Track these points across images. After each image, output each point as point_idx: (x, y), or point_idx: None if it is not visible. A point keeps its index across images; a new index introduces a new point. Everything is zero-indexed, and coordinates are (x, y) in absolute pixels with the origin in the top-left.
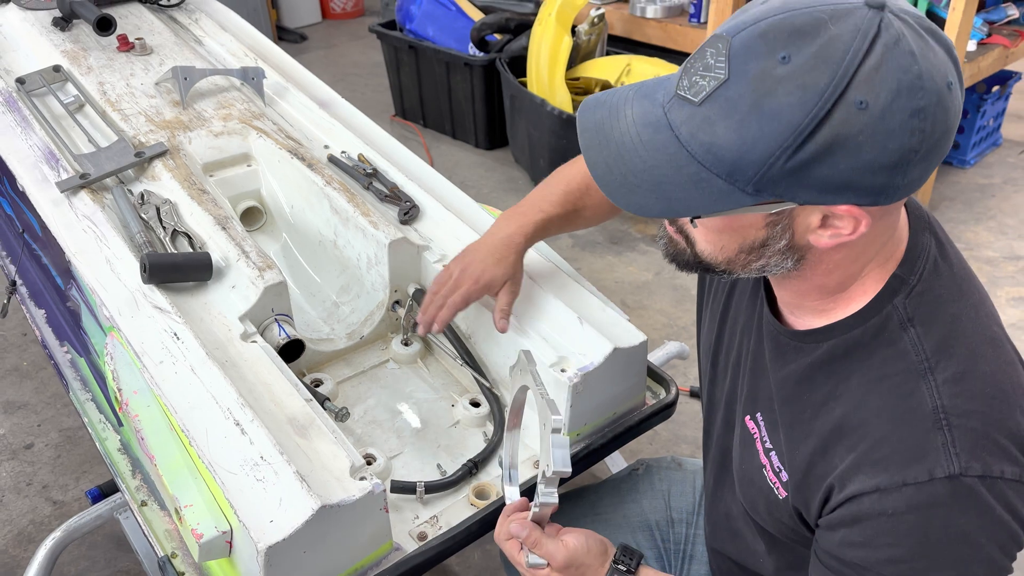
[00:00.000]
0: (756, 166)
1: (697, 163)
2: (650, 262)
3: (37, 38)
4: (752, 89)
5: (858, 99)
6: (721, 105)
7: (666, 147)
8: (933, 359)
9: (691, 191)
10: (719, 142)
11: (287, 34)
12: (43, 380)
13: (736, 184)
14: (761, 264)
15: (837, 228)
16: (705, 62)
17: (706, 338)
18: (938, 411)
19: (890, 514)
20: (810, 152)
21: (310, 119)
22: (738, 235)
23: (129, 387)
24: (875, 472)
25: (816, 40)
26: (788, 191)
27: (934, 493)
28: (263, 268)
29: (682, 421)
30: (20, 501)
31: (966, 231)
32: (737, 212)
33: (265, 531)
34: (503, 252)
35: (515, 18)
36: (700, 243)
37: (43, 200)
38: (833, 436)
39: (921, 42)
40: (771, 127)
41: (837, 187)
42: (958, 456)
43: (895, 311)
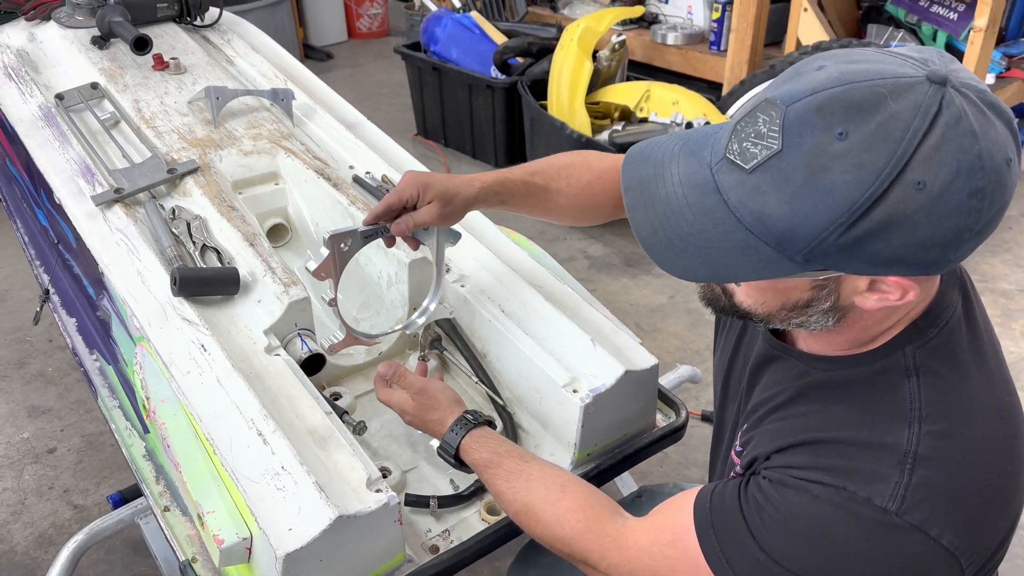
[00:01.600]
0: (807, 239)
1: (746, 230)
2: (665, 285)
3: (76, 56)
4: (807, 163)
5: (916, 180)
6: (773, 176)
7: (714, 211)
8: (925, 411)
9: (738, 257)
10: (769, 212)
11: (314, 52)
12: (67, 386)
13: (785, 253)
14: (801, 320)
15: (884, 293)
16: (757, 129)
17: (719, 362)
18: (908, 455)
19: (814, 495)
20: (864, 229)
21: (336, 140)
22: (782, 295)
23: (157, 396)
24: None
25: (875, 117)
26: (838, 263)
27: (860, 511)
28: (288, 284)
29: (693, 445)
30: (42, 504)
31: (982, 263)
32: (784, 279)
33: (284, 538)
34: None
35: (537, 42)
36: (739, 296)
37: (78, 213)
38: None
39: (982, 118)
40: (825, 203)
41: (888, 261)
42: (904, 499)
43: (903, 358)
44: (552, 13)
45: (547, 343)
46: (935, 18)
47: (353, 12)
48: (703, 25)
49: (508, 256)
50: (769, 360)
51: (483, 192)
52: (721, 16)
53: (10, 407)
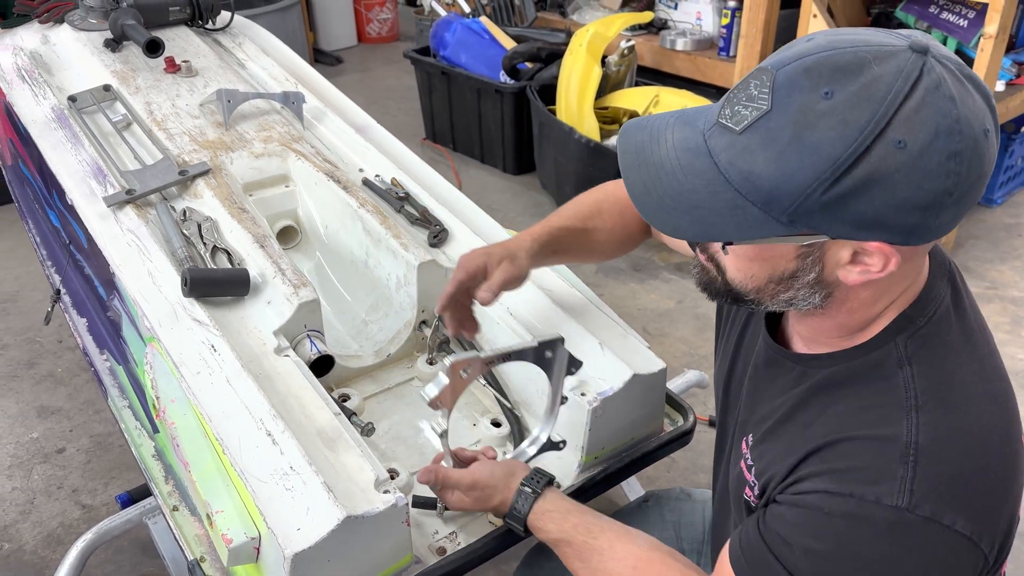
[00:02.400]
0: (792, 197)
1: (734, 190)
2: (672, 290)
3: (89, 58)
4: (794, 121)
5: (897, 138)
6: (762, 135)
7: (704, 172)
8: (922, 399)
9: (726, 217)
10: (757, 171)
11: (324, 57)
12: (76, 386)
13: (771, 214)
14: (789, 296)
15: (867, 265)
16: (748, 92)
17: (720, 368)
18: (910, 446)
19: (826, 512)
20: (847, 187)
21: (346, 143)
22: (768, 265)
23: (167, 396)
24: (831, 480)
25: (859, 78)
26: (822, 224)
27: (873, 514)
28: (298, 285)
29: (700, 450)
30: (50, 504)
31: (991, 270)
32: (770, 241)
33: (292, 538)
34: (501, 244)
35: (547, 48)
36: (730, 271)
37: (90, 213)
38: (810, 451)
39: (961, 88)
40: (810, 160)
41: (870, 223)
42: (912, 493)
43: (895, 348)
44: (561, 18)
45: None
46: (945, 25)
47: (363, 17)
48: (712, 31)
49: None
50: (769, 365)
51: (537, 244)
52: (730, 22)
53: (20, 407)
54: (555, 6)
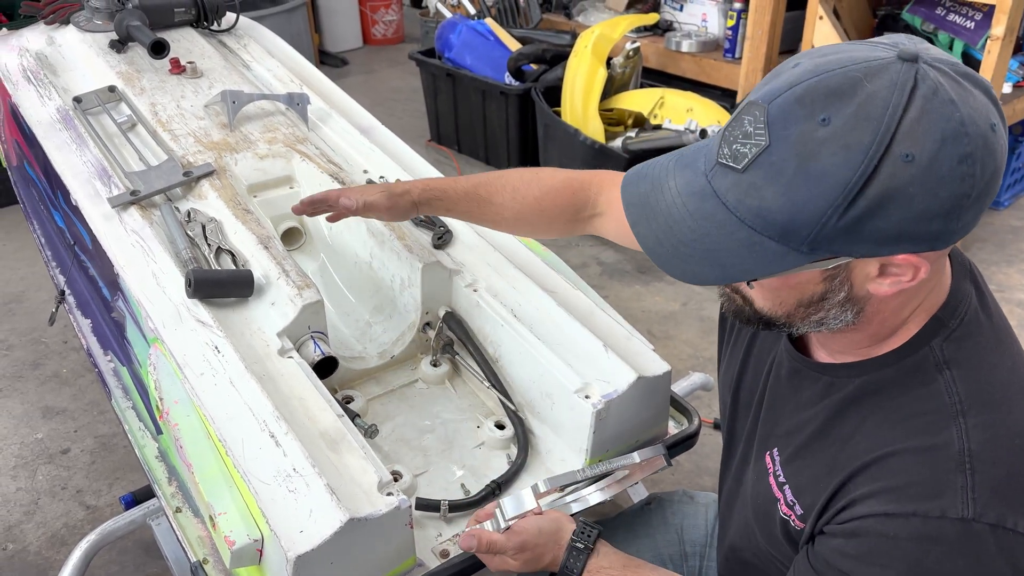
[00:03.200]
0: (809, 227)
1: (748, 228)
2: (677, 292)
3: (94, 59)
4: (795, 153)
5: (903, 152)
6: (766, 171)
7: (714, 215)
8: (966, 403)
9: (744, 256)
10: (768, 206)
11: (329, 58)
12: (81, 387)
13: (790, 245)
14: (820, 317)
15: (896, 276)
16: (744, 130)
17: (727, 373)
18: (964, 453)
19: (891, 536)
20: (862, 208)
21: (351, 144)
22: (796, 291)
23: (170, 397)
24: (888, 500)
25: (854, 99)
26: (844, 247)
27: (941, 530)
28: (302, 287)
29: (704, 452)
30: (55, 504)
31: (998, 273)
32: (794, 272)
33: (295, 541)
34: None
35: (551, 49)
36: (758, 301)
37: (95, 214)
38: (856, 469)
39: (959, 88)
40: (819, 188)
41: (893, 238)
42: (975, 501)
43: (931, 352)
44: (566, 20)
45: (559, 348)
46: (952, 27)
47: (368, 19)
48: (718, 33)
49: (521, 261)
50: (791, 375)
51: (425, 194)
52: (736, 24)
53: (25, 408)
54: (560, 8)
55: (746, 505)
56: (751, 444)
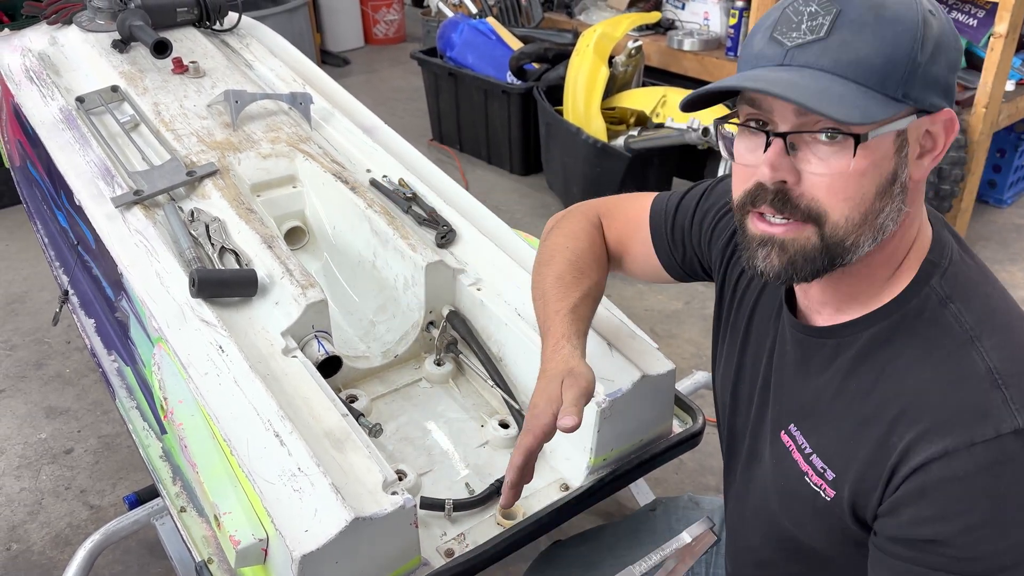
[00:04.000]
0: (903, 64)
1: (851, 82)
2: (680, 291)
3: (97, 59)
4: (867, 5)
5: (929, 8)
6: (849, 28)
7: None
8: (977, 329)
9: (862, 99)
10: (864, 54)
11: (331, 58)
12: (84, 387)
13: (887, 92)
14: (884, 216)
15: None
16: (807, 10)
17: (725, 371)
18: (992, 372)
19: (961, 477)
20: (930, 49)
21: (354, 144)
22: (876, 172)
23: (175, 396)
24: (941, 436)
25: None
26: (923, 93)
27: (1003, 449)
28: (305, 286)
29: (708, 452)
30: (58, 504)
31: (1001, 271)
32: (886, 126)
33: (300, 540)
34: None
35: (553, 48)
36: (836, 208)
37: (98, 214)
38: (888, 418)
39: None
40: (900, 27)
41: (944, 88)
42: (1020, 412)
43: (933, 291)
44: (568, 19)
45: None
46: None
47: (370, 18)
48: (720, 31)
49: (524, 260)
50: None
51: (579, 341)
52: (738, 22)
53: (28, 408)
54: (562, 6)
55: (766, 496)
56: (758, 435)
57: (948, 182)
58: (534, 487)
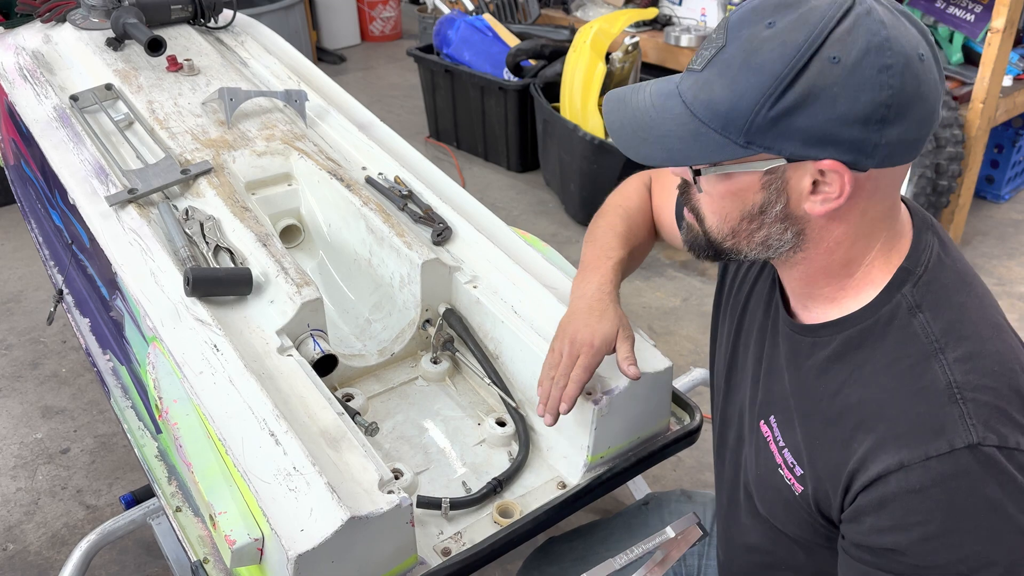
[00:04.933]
0: (745, 115)
1: (697, 120)
2: (678, 288)
3: (91, 57)
4: (743, 49)
5: (832, 55)
6: (719, 68)
7: (673, 109)
8: (942, 340)
9: (691, 144)
10: (715, 98)
11: (327, 55)
12: (80, 387)
13: (729, 136)
14: (763, 236)
15: (827, 193)
16: (710, 38)
17: (720, 356)
18: (952, 386)
19: (917, 490)
20: (791, 100)
21: (349, 141)
22: (739, 200)
23: (169, 396)
24: (897, 449)
25: (798, 9)
26: (775, 142)
27: (957, 463)
28: (301, 284)
29: (706, 448)
30: (55, 504)
31: (999, 266)
32: (731, 166)
33: (296, 539)
34: (601, 307)
35: (550, 45)
36: (708, 218)
37: (92, 213)
38: (852, 424)
39: (892, 17)
40: (756, 79)
41: (817, 139)
42: (975, 427)
43: (903, 299)
44: (565, 15)
45: None
46: (951, 19)
47: (366, 15)
48: None
49: (521, 258)
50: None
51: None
52: None
53: (24, 407)
54: (558, 3)
55: (749, 483)
56: (744, 421)
57: (945, 178)
58: (531, 485)
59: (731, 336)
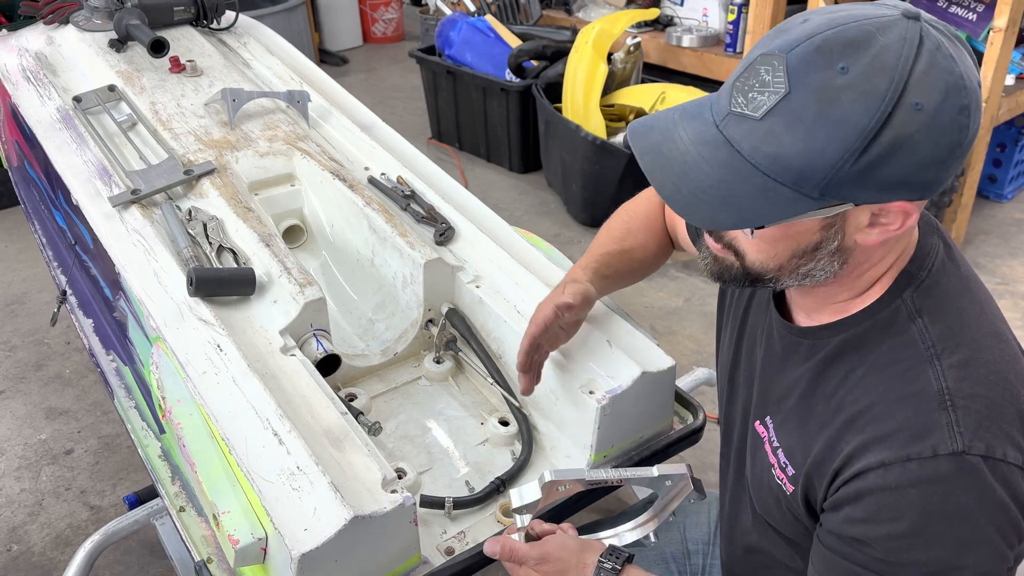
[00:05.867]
0: (824, 171)
1: (763, 174)
2: (681, 288)
3: (94, 58)
4: (816, 99)
5: (914, 101)
6: (785, 117)
7: (729, 162)
8: (939, 346)
9: (759, 201)
10: (785, 152)
11: (329, 57)
12: (84, 388)
13: (802, 191)
14: (809, 268)
15: (885, 225)
16: (761, 79)
17: (723, 358)
18: (943, 392)
19: (893, 488)
20: (875, 154)
21: (352, 141)
22: (792, 241)
23: (173, 396)
24: (881, 448)
25: (869, 50)
26: (851, 193)
27: (937, 469)
28: (304, 284)
29: (709, 448)
30: (59, 505)
31: (1001, 265)
32: (803, 218)
33: (299, 539)
34: (560, 287)
35: (552, 45)
36: (751, 255)
37: (95, 214)
38: (842, 423)
39: (955, 47)
40: (838, 133)
41: (894, 185)
42: (962, 435)
43: (903, 304)
44: (567, 16)
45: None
46: (953, 19)
47: (368, 17)
48: (719, 27)
49: (523, 257)
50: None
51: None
52: (737, 18)
53: (28, 408)
54: (560, 4)
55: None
56: (747, 422)
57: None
58: None
59: (734, 337)
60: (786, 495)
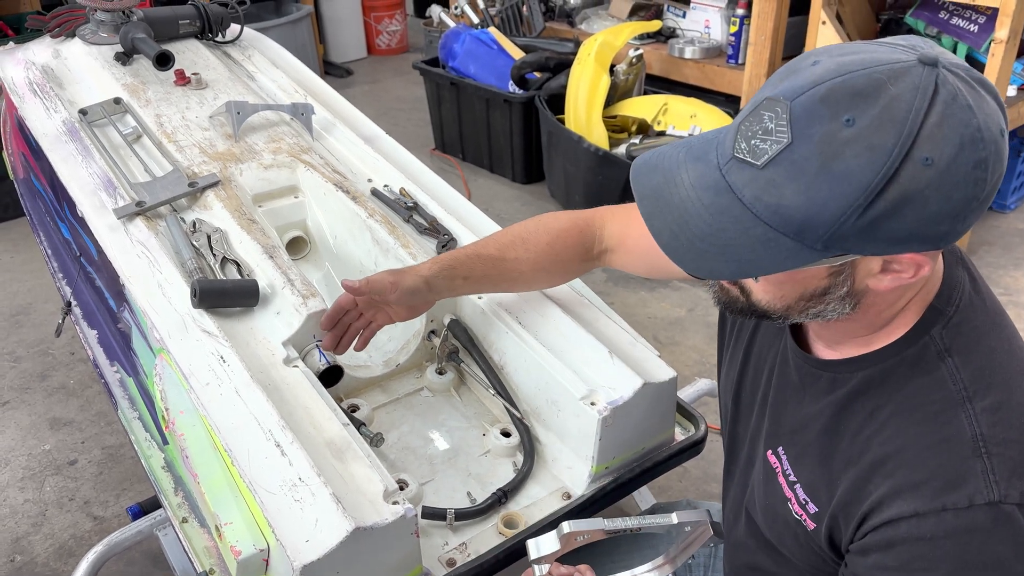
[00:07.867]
0: (827, 226)
1: (764, 224)
2: (683, 298)
3: (99, 71)
4: (819, 152)
5: (924, 156)
6: (786, 168)
7: (730, 210)
8: (971, 388)
9: (759, 251)
10: (786, 203)
11: (333, 69)
12: (88, 398)
13: (805, 243)
14: (819, 310)
15: (897, 272)
16: (764, 125)
17: (728, 376)
18: (977, 439)
19: (928, 539)
20: (880, 209)
21: (355, 154)
22: (799, 285)
23: (176, 407)
24: (914, 497)
25: (879, 101)
26: (856, 246)
27: (974, 519)
28: (307, 296)
29: (712, 459)
30: (62, 516)
31: (1004, 276)
32: (805, 268)
33: (301, 550)
34: (405, 268)
35: (555, 57)
36: (757, 294)
37: (100, 225)
38: (870, 465)
39: (975, 94)
40: (841, 188)
41: (903, 239)
42: (997, 484)
43: (932, 342)
44: (569, 28)
45: (564, 355)
46: (955, 30)
47: (372, 29)
48: (721, 39)
49: None
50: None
51: (437, 266)
52: (739, 30)
53: (32, 419)
54: (563, 16)
55: (755, 508)
56: (755, 445)
57: None
58: (536, 496)
59: (740, 357)
60: (806, 531)
